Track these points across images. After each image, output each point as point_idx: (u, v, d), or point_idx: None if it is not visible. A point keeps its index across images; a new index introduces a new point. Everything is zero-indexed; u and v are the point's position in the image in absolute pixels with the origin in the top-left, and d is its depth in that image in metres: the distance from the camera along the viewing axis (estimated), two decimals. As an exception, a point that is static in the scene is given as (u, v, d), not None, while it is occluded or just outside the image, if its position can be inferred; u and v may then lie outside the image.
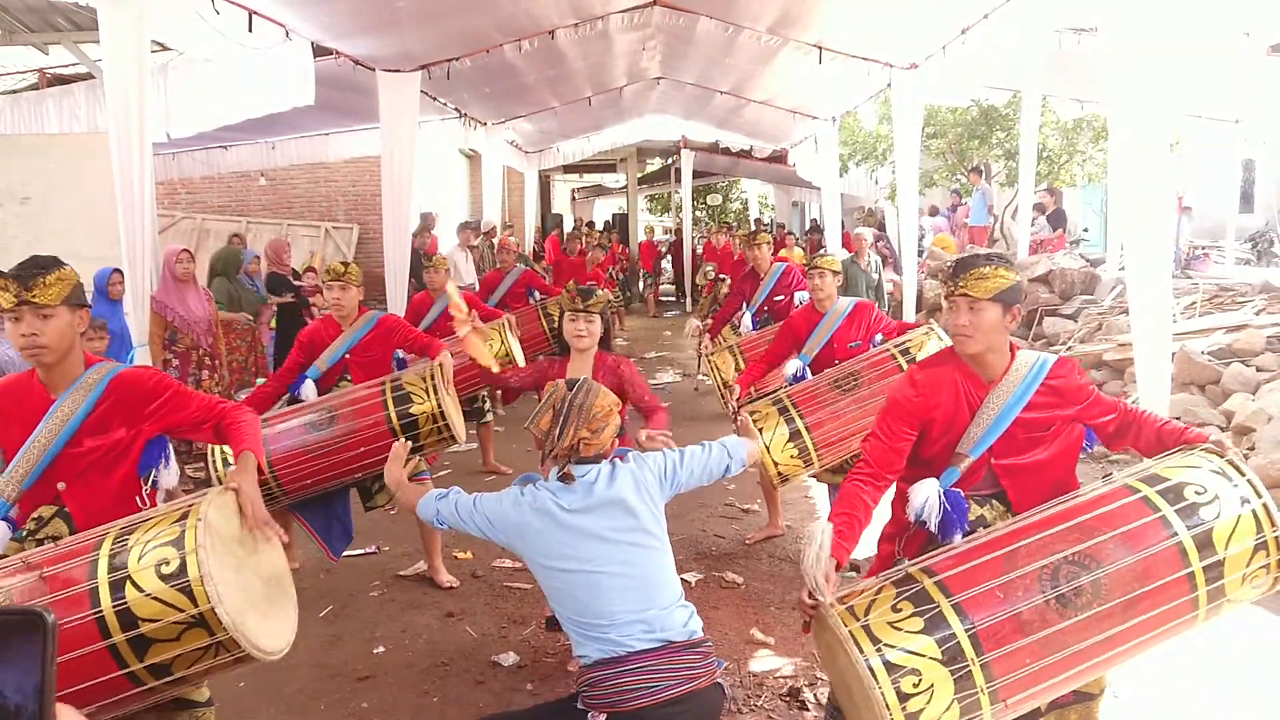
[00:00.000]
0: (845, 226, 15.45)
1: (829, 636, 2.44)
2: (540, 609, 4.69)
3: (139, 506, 2.73)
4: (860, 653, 2.25)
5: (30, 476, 2.65)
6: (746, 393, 5.42)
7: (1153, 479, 2.52)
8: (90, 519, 2.62)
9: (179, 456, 6.11)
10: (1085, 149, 14.06)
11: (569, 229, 21.91)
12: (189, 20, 5.89)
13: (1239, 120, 12.58)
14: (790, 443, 4.86)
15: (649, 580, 2.58)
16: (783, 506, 5.89)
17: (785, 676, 4.00)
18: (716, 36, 9.62)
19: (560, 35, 9.13)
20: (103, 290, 6.49)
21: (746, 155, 18.92)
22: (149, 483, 2.80)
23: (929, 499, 2.65)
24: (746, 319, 7.29)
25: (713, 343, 7.46)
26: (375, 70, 8.40)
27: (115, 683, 2.26)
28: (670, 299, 22.16)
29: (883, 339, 5.31)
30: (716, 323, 7.91)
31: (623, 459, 2.74)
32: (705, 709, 2.57)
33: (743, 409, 5.25)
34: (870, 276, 9.65)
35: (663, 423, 3.73)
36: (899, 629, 2.30)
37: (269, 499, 4.56)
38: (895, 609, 2.33)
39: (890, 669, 2.24)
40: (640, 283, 21.82)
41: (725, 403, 6.92)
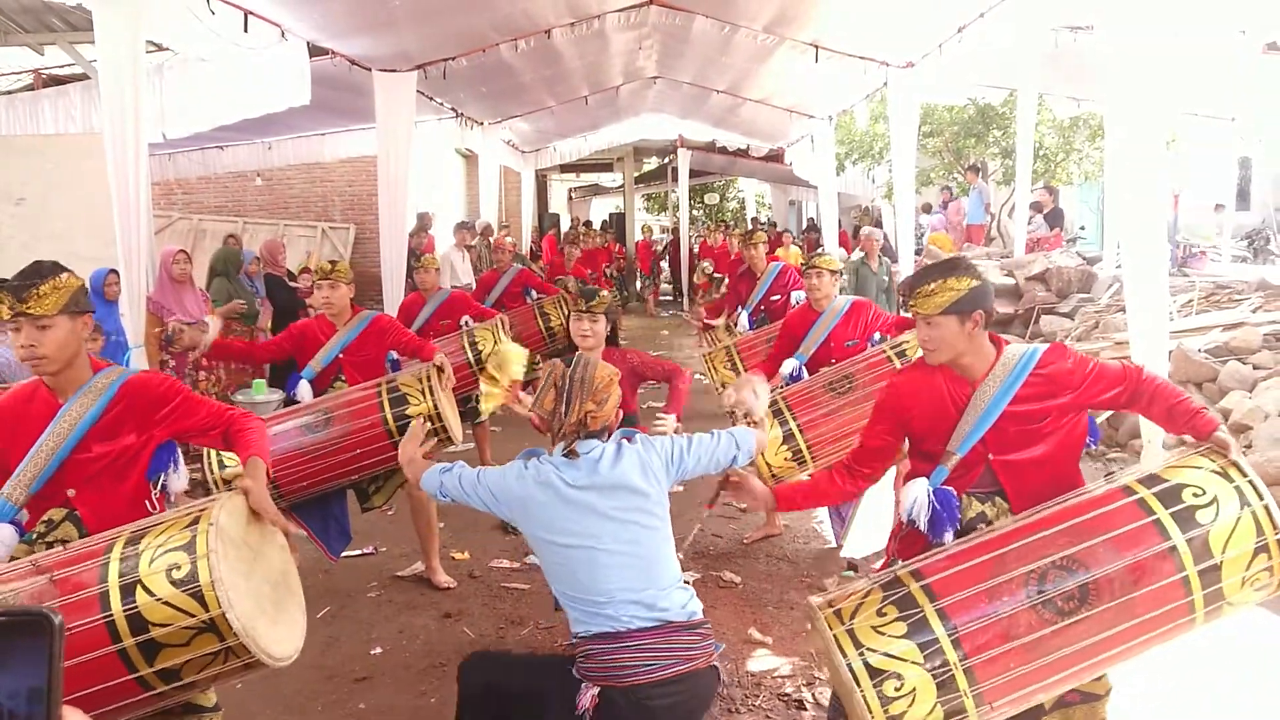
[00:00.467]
0: (842, 225, 15.47)
1: (817, 637, 2.47)
2: (538, 610, 4.69)
3: (149, 511, 2.73)
4: (843, 656, 2.30)
5: (38, 481, 2.63)
6: None
7: (1151, 480, 2.51)
8: (101, 522, 2.62)
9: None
10: (1082, 147, 14.08)
11: (565, 229, 21.90)
12: (184, 20, 5.87)
13: (1235, 118, 12.58)
14: (784, 445, 4.87)
15: (649, 560, 2.60)
16: (780, 506, 5.88)
17: (783, 676, 4.00)
18: (713, 35, 9.62)
19: (556, 34, 9.11)
20: (99, 291, 6.49)
21: (743, 154, 18.92)
22: (158, 487, 2.80)
23: (917, 498, 2.66)
24: (743, 318, 7.29)
25: (708, 339, 7.46)
26: (371, 70, 8.38)
27: (125, 687, 2.26)
28: (668, 299, 22.15)
29: (881, 337, 5.31)
30: (711, 313, 7.89)
31: (630, 440, 2.75)
32: (700, 690, 2.59)
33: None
34: (881, 279, 9.17)
35: (686, 385, 4.14)
36: (882, 633, 2.33)
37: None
38: (880, 613, 2.37)
39: (872, 672, 2.28)
40: (638, 282, 21.83)
41: (720, 401, 6.93)
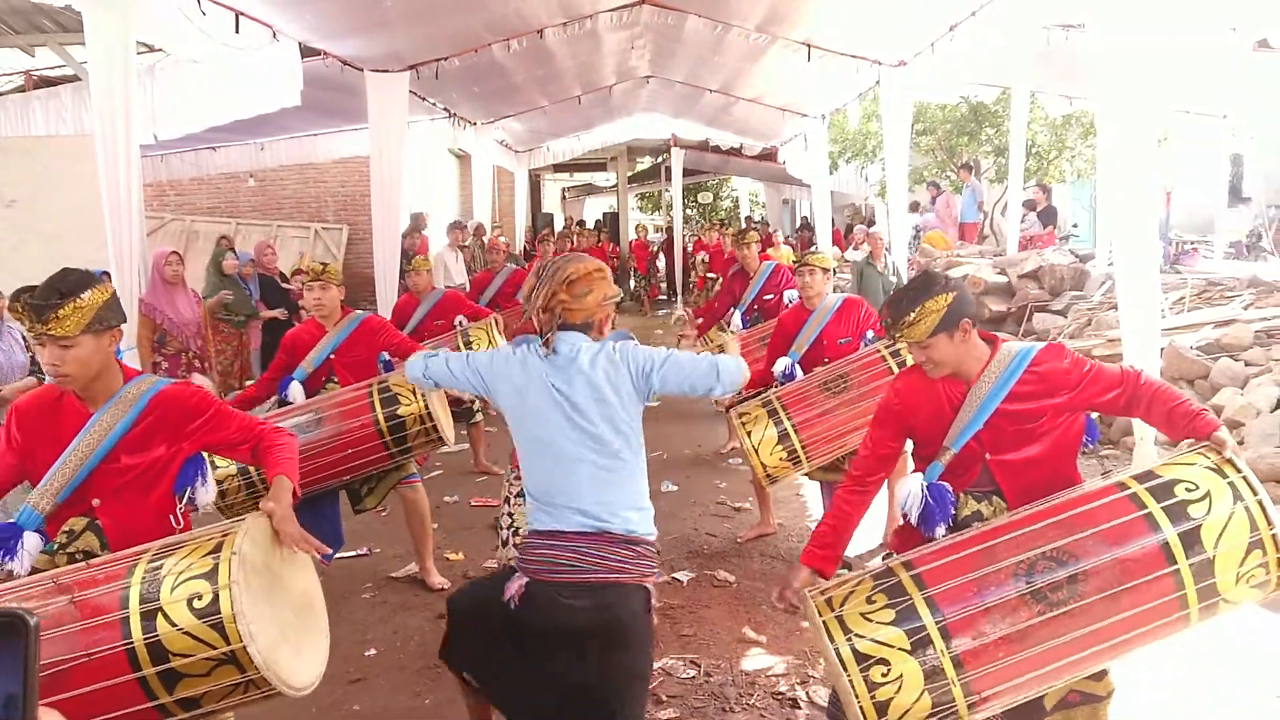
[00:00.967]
0: (835, 224, 15.47)
1: (810, 627, 2.52)
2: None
3: (173, 526, 2.70)
4: (830, 641, 2.34)
5: (65, 491, 2.60)
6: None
7: (1144, 475, 2.52)
8: (123, 535, 2.59)
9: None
10: (1074, 145, 14.09)
11: (559, 228, 21.87)
12: (175, 21, 5.85)
13: (1226, 115, 12.61)
14: (779, 444, 4.88)
15: (605, 471, 2.58)
16: (774, 505, 5.89)
17: (777, 674, 4.00)
18: (705, 35, 9.62)
19: (549, 34, 9.12)
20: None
21: (736, 153, 18.92)
22: (184, 500, 2.76)
23: (911, 492, 2.69)
24: (736, 318, 7.29)
25: (702, 341, 7.45)
26: (364, 71, 8.38)
27: (144, 715, 2.25)
28: (662, 297, 22.15)
29: (874, 336, 5.31)
30: (706, 319, 7.88)
31: (617, 344, 2.69)
32: (620, 603, 2.55)
33: (732, 409, 5.26)
34: (888, 279, 8.89)
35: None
36: (870, 620, 2.36)
37: (256, 501, 4.54)
38: (869, 600, 2.40)
39: (859, 657, 2.31)
40: (632, 281, 21.82)
41: (716, 402, 6.93)
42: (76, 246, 7.43)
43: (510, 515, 3.69)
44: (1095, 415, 2.78)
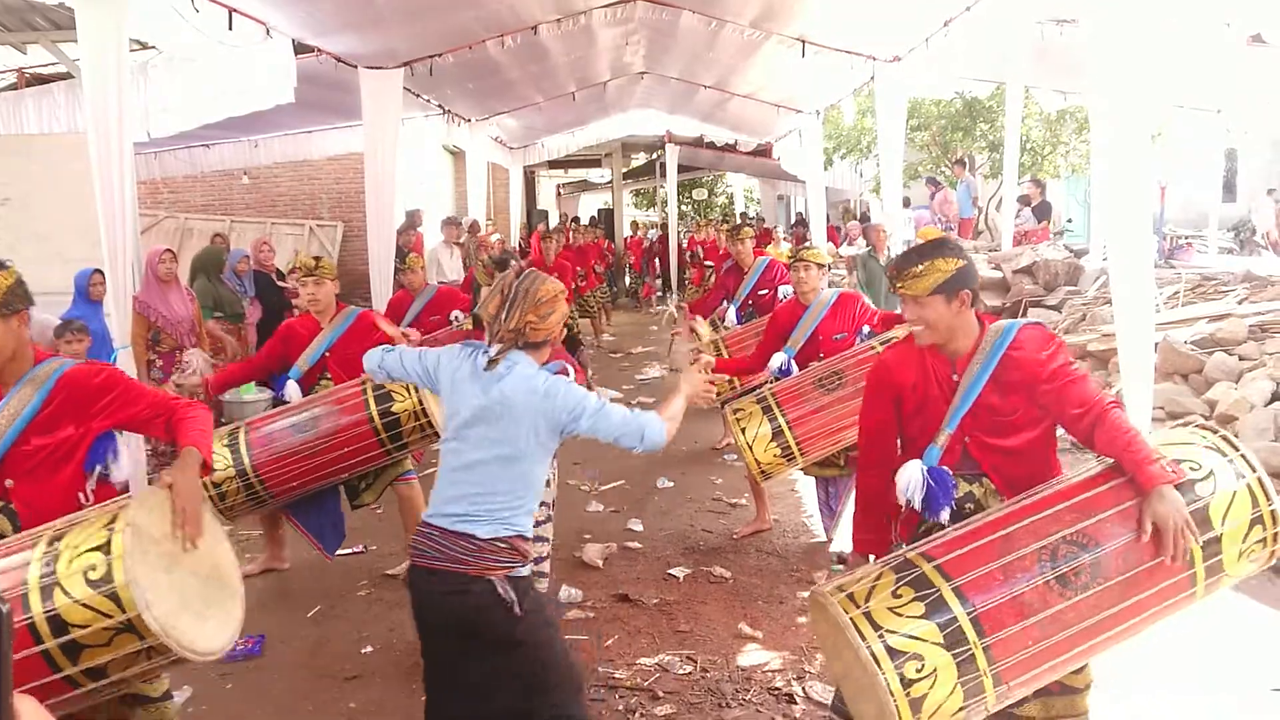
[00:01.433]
0: (830, 220, 15.47)
1: (828, 626, 2.43)
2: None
3: (81, 504, 2.72)
4: (862, 639, 2.25)
5: None
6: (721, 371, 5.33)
7: None
8: (36, 515, 2.61)
9: (159, 458, 6.11)
10: (1069, 140, 14.12)
11: (554, 224, 21.86)
12: (168, 18, 5.83)
13: (1221, 110, 12.63)
14: (773, 441, 4.89)
15: (485, 482, 2.68)
16: (770, 500, 5.90)
17: (773, 670, 4.01)
18: (700, 31, 9.60)
19: (543, 31, 9.09)
20: (84, 291, 6.45)
21: (731, 149, 18.91)
22: (94, 477, 2.78)
23: (912, 477, 2.68)
24: (731, 313, 7.29)
25: (694, 336, 7.45)
26: (357, 67, 8.35)
27: (53, 686, 2.28)
28: (658, 294, 22.12)
29: (870, 331, 5.32)
30: (696, 312, 7.88)
31: (555, 374, 2.80)
32: (462, 592, 2.65)
33: (727, 405, 5.26)
34: None
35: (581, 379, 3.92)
36: (900, 614, 2.29)
37: (256, 503, 4.55)
38: (895, 594, 2.33)
39: (892, 654, 2.23)
40: (627, 278, 21.80)
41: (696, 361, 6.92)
42: (70, 245, 7.43)
43: None
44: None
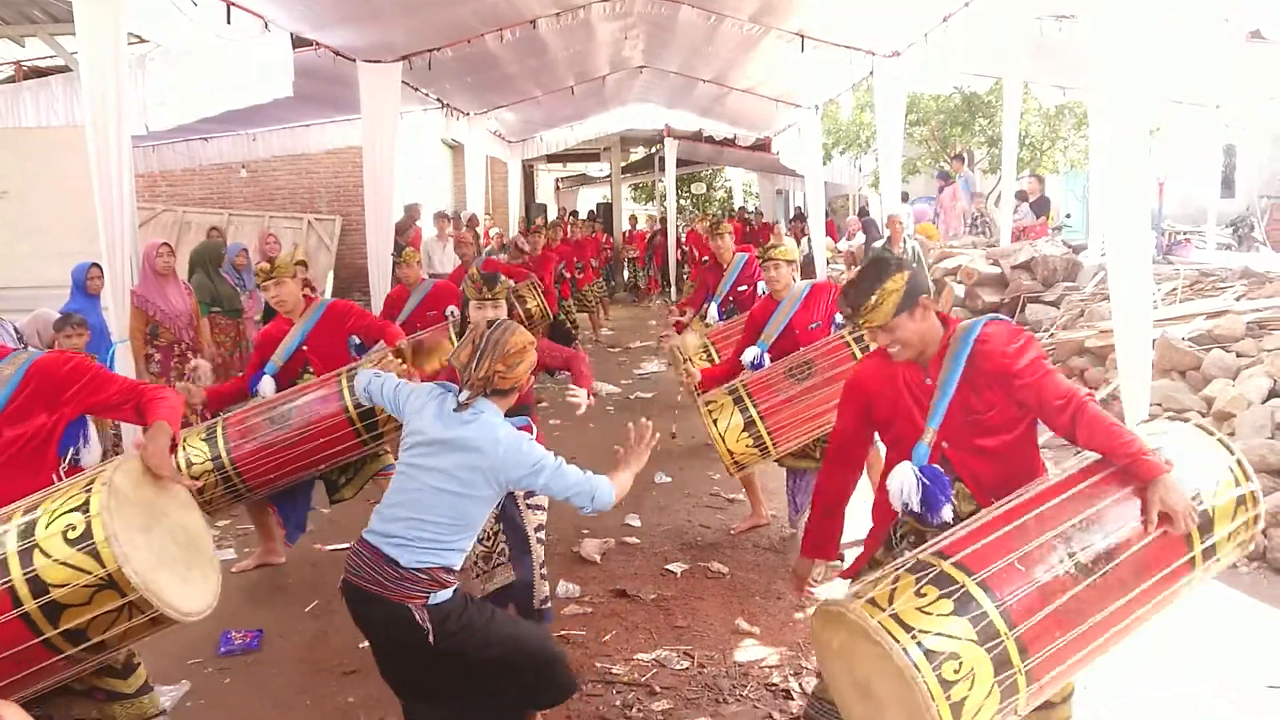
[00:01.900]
0: (829, 215, 15.46)
1: (844, 636, 2.30)
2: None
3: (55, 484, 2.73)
4: (895, 642, 2.11)
5: None
6: (706, 387, 5.37)
7: None
8: (7, 504, 2.60)
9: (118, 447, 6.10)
10: (1068, 135, 14.10)
11: (552, 219, 21.82)
12: (166, 12, 5.84)
13: (1219, 106, 12.63)
14: (745, 432, 4.91)
15: (432, 509, 2.78)
16: (766, 496, 5.90)
17: (770, 665, 4.02)
18: (699, 25, 9.60)
19: (542, 25, 9.08)
20: (81, 285, 6.44)
21: (730, 144, 18.88)
22: (66, 461, 2.81)
23: (905, 480, 2.64)
24: (712, 310, 7.28)
25: (690, 329, 7.45)
26: (356, 61, 8.35)
27: (33, 651, 2.29)
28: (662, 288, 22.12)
29: (843, 320, 5.33)
30: (689, 305, 7.89)
31: (520, 430, 2.93)
32: (386, 616, 2.77)
33: (700, 398, 5.31)
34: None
35: (587, 366, 4.11)
36: (929, 613, 2.16)
37: (234, 496, 4.55)
38: (920, 594, 2.20)
39: (930, 656, 2.10)
40: (626, 272, 21.78)
41: (688, 389, 6.93)
42: (68, 238, 7.41)
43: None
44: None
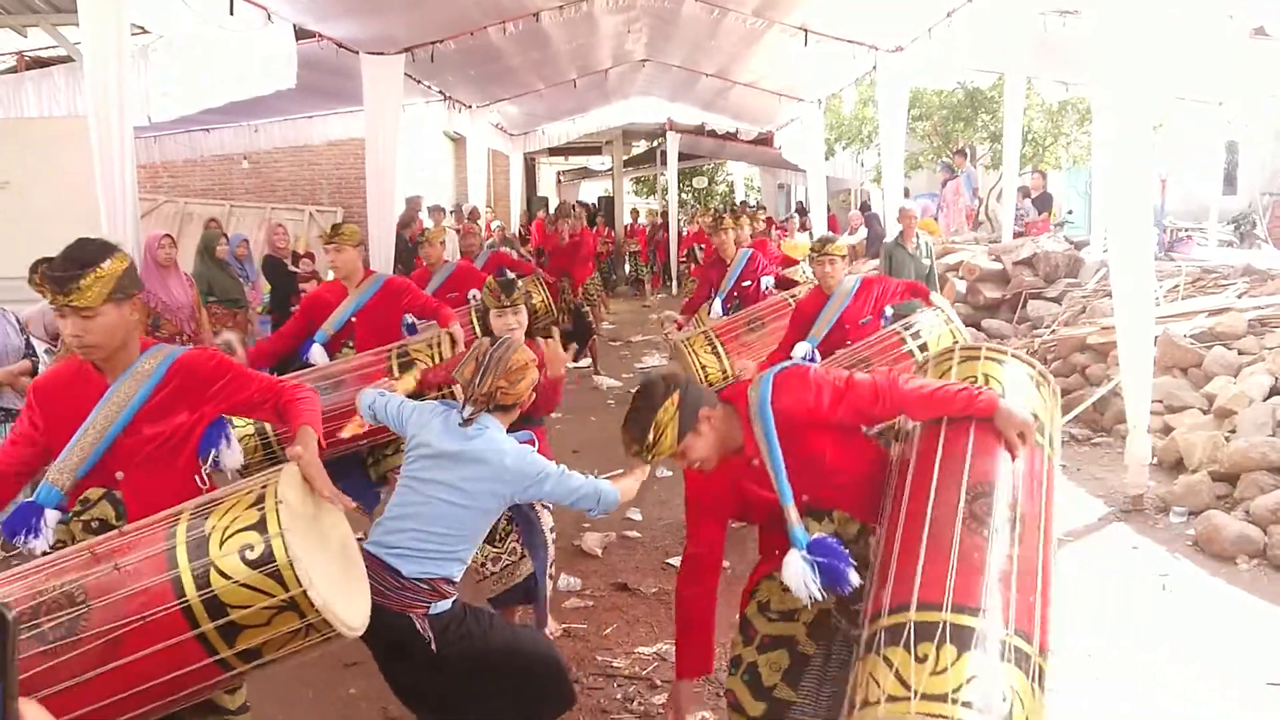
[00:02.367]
0: (831, 209, 15.45)
1: None
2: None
3: (199, 488, 2.66)
4: (945, 718, 2.00)
5: (85, 465, 2.57)
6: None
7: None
8: (144, 503, 2.54)
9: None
10: (1070, 131, 14.08)
11: (553, 211, 21.80)
12: (169, 3, 5.83)
13: (1222, 103, 12.61)
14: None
15: (436, 521, 2.81)
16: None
17: (771, 660, 4.02)
18: (702, 19, 9.59)
19: (545, 17, 9.08)
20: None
21: (732, 138, 18.87)
22: (208, 463, 2.74)
23: (799, 571, 2.45)
24: (716, 306, 7.26)
25: (691, 325, 7.44)
26: (358, 53, 8.34)
27: (205, 670, 2.24)
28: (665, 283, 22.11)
29: (894, 311, 5.32)
30: (688, 313, 7.88)
31: (525, 443, 2.96)
32: (386, 624, 2.73)
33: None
34: (921, 262, 7.75)
35: (553, 401, 4.02)
36: (943, 670, 2.06)
37: (272, 462, 4.53)
38: (920, 659, 2.09)
39: (980, 709, 2.00)
40: (627, 266, 21.78)
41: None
42: (70, 229, 7.31)
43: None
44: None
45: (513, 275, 8.36)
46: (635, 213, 24.68)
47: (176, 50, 7.70)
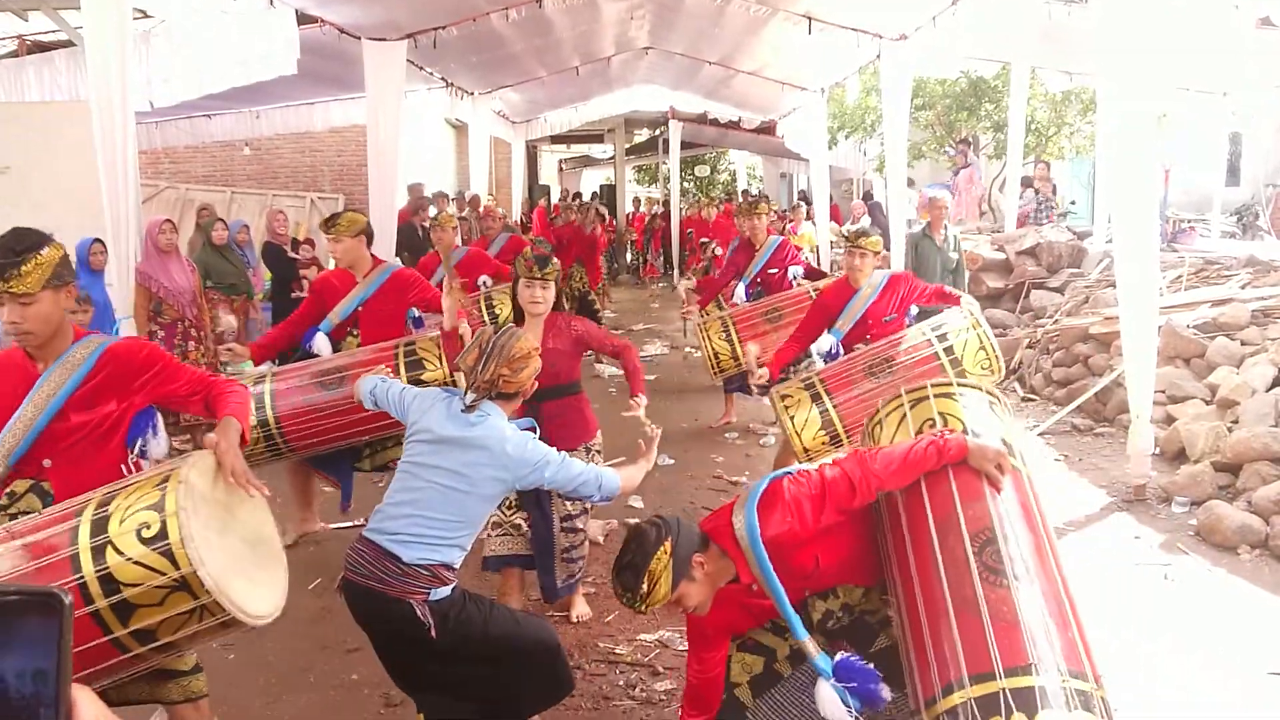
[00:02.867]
0: (833, 199, 15.41)
1: None
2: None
3: (124, 475, 2.68)
4: None
5: (16, 453, 2.60)
6: (779, 375, 5.24)
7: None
8: (72, 492, 2.57)
9: (166, 429, 6.11)
10: (1074, 121, 14.05)
11: (554, 199, 21.77)
12: (171, -13, 5.81)
13: (1226, 94, 12.57)
14: (821, 428, 4.72)
15: (435, 506, 2.81)
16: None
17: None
18: (705, 6, 9.55)
19: (548, 4, 9.04)
20: (84, 261, 6.41)
21: (735, 126, 18.83)
22: (135, 452, 2.77)
23: (831, 701, 2.35)
24: (740, 291, 7.24)
25: (704, 313, 7.43)
26: (361, 39, 8.30)
27: (101, 649, 2.25)
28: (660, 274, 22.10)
29: (919, 310, 5.27)
30: (708, 291, 7.84)
31: (527, 430, 2.97)
32: (384, 611, 2.79)
33: (772, 389, 5.17)
34: (948, 255, 7.37)
35: (638, 361, 4.19)
36: None
37: (274, 455, 4.54)
38: None
39: None
40: (629, 254, 21.75)
41: (714, 374, 6.91)
42: (71, 214, 7.36)
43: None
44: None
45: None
46: (637, 201, 24.64)
47: (178, 35, 7.69)
